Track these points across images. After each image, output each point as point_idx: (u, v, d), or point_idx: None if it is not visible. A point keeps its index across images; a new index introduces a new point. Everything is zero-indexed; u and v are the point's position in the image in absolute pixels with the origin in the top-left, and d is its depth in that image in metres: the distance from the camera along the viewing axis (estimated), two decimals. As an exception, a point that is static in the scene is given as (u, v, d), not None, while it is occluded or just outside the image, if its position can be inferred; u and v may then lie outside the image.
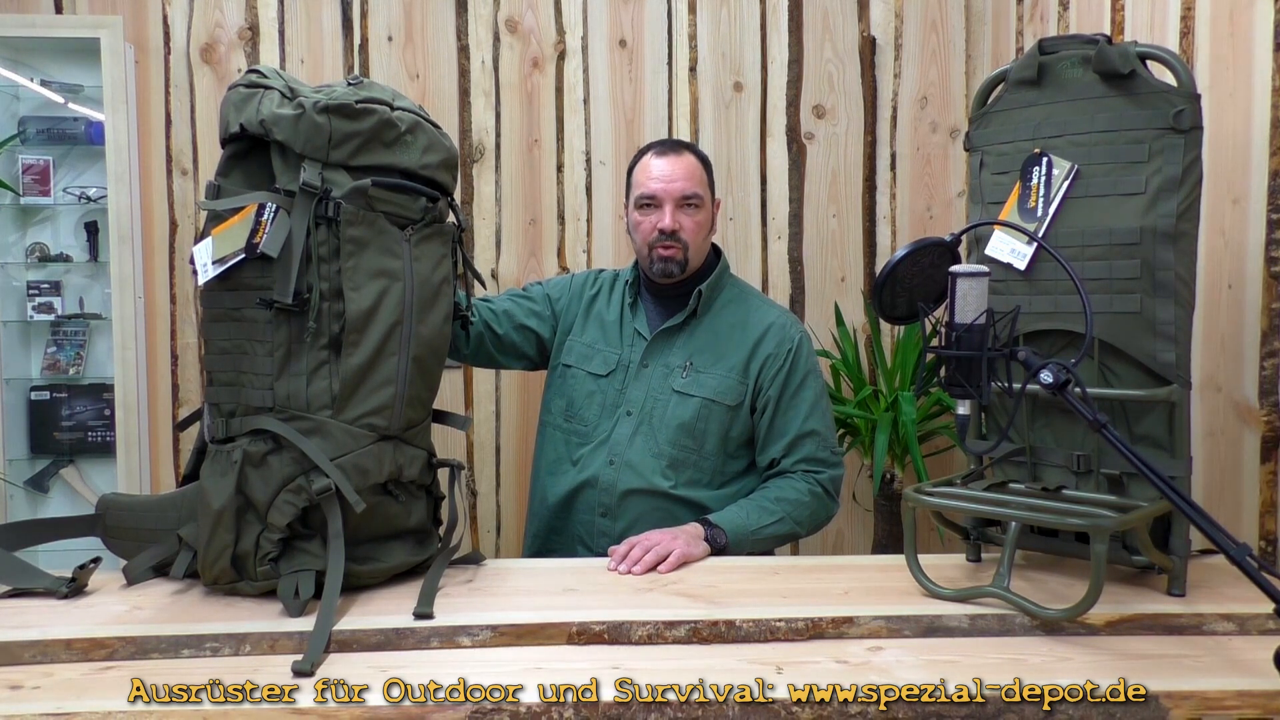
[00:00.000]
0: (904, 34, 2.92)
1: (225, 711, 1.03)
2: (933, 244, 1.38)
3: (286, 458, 1.32)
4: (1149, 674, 1.11)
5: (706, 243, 1.89)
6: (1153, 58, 1.38)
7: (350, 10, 2.88)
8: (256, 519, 1.33)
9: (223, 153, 1.39)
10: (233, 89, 1.38)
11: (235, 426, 1.35)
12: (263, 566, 1.33)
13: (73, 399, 2.97)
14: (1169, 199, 1.34)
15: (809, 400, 1.83)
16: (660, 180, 1.83)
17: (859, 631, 1.25)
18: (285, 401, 1.33)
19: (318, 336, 1.34)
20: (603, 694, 1.06)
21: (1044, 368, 1.21)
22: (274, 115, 1.32)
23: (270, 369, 1.33)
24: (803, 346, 1.87)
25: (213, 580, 1.36)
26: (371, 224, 1.36)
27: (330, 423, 1.34)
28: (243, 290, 1.34)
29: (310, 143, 1.32)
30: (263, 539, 1.33)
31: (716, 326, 1.86)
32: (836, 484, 1.83)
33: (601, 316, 1.92)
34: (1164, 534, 1.37)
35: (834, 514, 1.84)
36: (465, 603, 1.34)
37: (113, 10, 2.83)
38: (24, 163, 2.92)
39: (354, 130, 1.34)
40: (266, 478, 1.32)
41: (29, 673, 1.14)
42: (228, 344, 1.36)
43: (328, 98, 1.33)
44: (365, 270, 1.35)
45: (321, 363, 1.34)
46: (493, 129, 2.92)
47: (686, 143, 1.93)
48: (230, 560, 1.33)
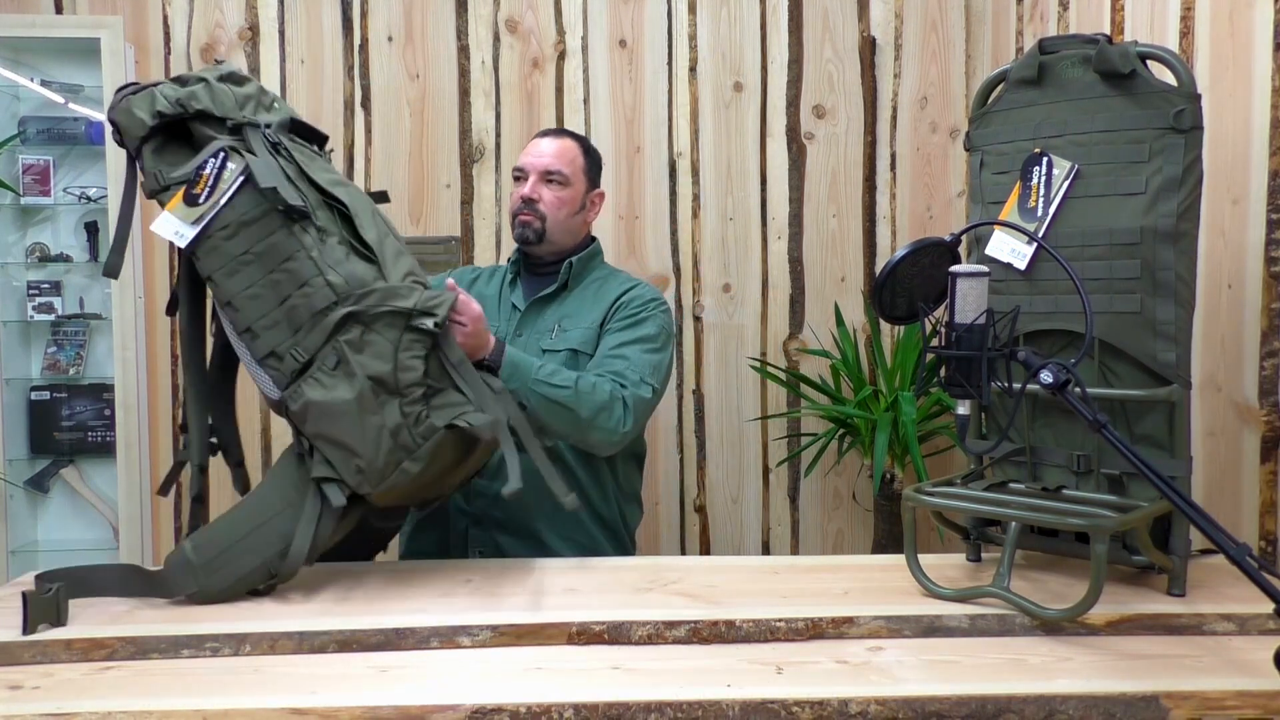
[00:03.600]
0: (904, 34, 2.92)
1: (225, 711, 1.03)
2: (933, 244, 1.38)
3: (380, 326, 1.39)
4: (1149, 674, 1.11)
5: (571, 221, 1.96)
6: (1153, 58, 1.38)
7: (350, 10, 2.88)
8: (388, 393, 1.37)
9: (141, 154, 1.45)
10: (118, 105, 1.45)
11: (310, 344, 1.39)
12: (420, 427, 1.37)
13: (73, 399, 2.97)
14: (1169, 199, 1.34)
15: (637, 336, 1.84)
16: (531, 155, 1.95)
17: (859, 631, 1.25)
18: (345, 287, 1.39)
19: (328, 234, 1.43)
20: (603, 694, 1.06)
21: (1044, 368, 1.21)
22: (187, 92, 1.44)
23: (315, 269, 1.40)
24: (655, 308, 1.90)
25: (381, 477, 1.37)
26: (303, 152, 1.49)
27: (393, 286, 1.41)
28: (246, 229, 1.40)
29: (224, 104, 1.45)
30: (405, 406, 1.37)
31: (585, 295, 1.94)
32: (639, 405, 1.76)
33: (481, 294, 1.97)
34: (1164, 534, 1.37)
35: (623, 430, 1.73)
36: (465, 603, 1.34)
37: (113, 10, 2.83)
38: (24, 163, 2.92)
39: (247, 94, 1.48)
40: (377, 353, 1.38)
41: (29, 673, 1.14)
42: (256, 288, 1.40)
43: (216, 72, 1.48)
44: (325, 181, 1.46)
45: (348, 251, 1.43)
46: (493, 129, 2.92)
47: (575, 133, 2.03)
48: (390, 439, 1.36)
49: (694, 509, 2.96)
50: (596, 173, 2.02)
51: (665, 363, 1.86)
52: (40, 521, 3.00)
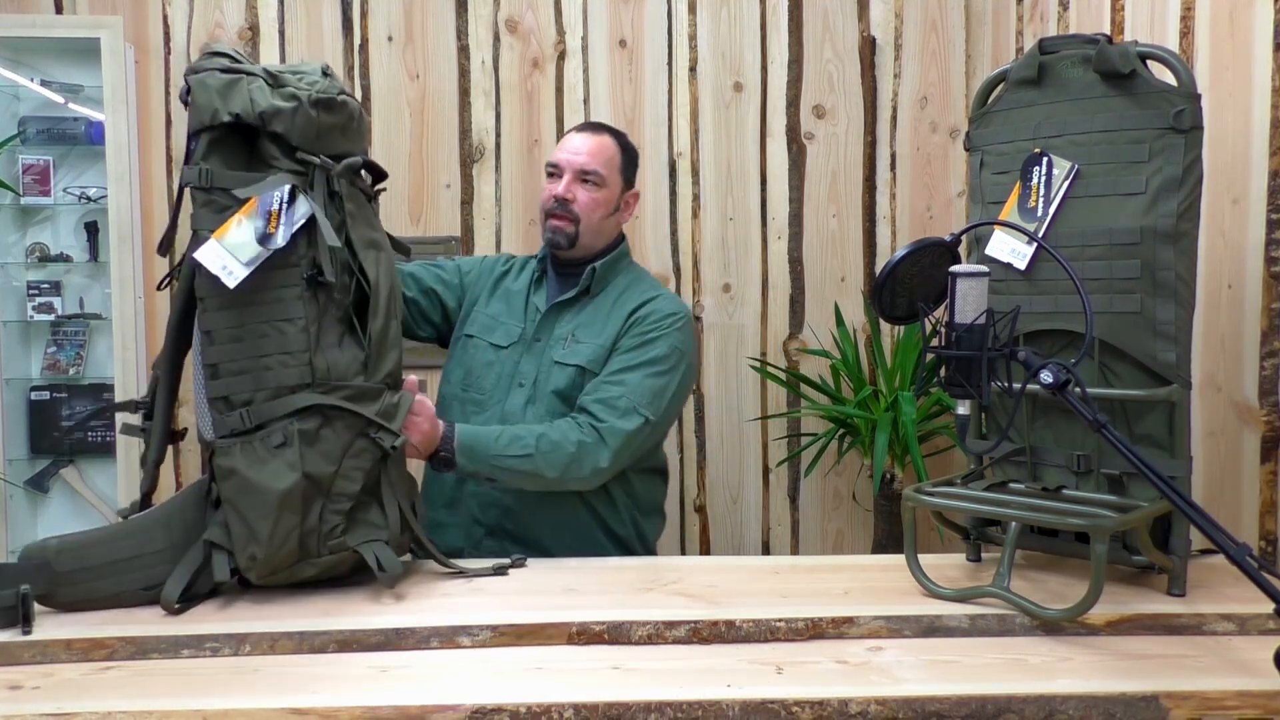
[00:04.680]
0: (904, 34, 2.92)
1: (225, 711, 1.03)
2: (933, 244, 1.38)
3: (339, 426, 1.36)
4: (1149, 674, 1.11)
5: (605, 224, 1.89)
6: (1153, 57, 1.38)
7: (350, 10, 2.88)
8: (318, 494, 1.34)
9: (200, 138, 1.35)
10: (204, 73, 1.35)
11: (264, 412, 1.33)
12: (332, 541, 1.35)
13: (73, 399, 2.97)
14: (1169, 199, 1.34)
15: (642, 359, 1.77)
16: (567, 152, 1.88)
17: (859, 631, 1.25)
18: (325, 374, 1.36)
19: (339, 307, 1.39)
20: (603, 694, 1.06)
21: (1044, 368, 1.21)
22: (273, 107, 1.34)
23: (305, 345, 1.35)
24: (671, 325, 1.81)
25: (272, 570, 1.33)
26: (355, 198, 1.43)
27: (367, 385, 1.39)
28: (260, 272, 1.32)
29: (304, 135, 1.37)
30: (327, 513, 1.34)
31: (604, 304, 1.87)
32: (619, 440, 1.69)
33: (508, 290, 1.94)
34: (1164, 534, 1.37)
35: (601, 468, 1.68)
36: (465, 603, 1.34)
37: (113, 10, 2.83)
38: (24, 163, 2.92)
39: (334, 122, 1.40)
40: (326, 452, 1.35)
41: (29, 673, 1.14)
42: (241, 330, 1.34)
43: (314, 90, 1.38)
44: (362, 241, 1.42)
45: (344, 333, 1.40)
46: (493, 129, 2.92)
47: (613, 128, 1.95)
48: (297, 542, 1.33)
49: (694, 509, 2.96)
50: (633, 171, 1.95)
51: (672, 387, 1.78)
52: (40, 521, 3.00)
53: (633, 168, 1.95)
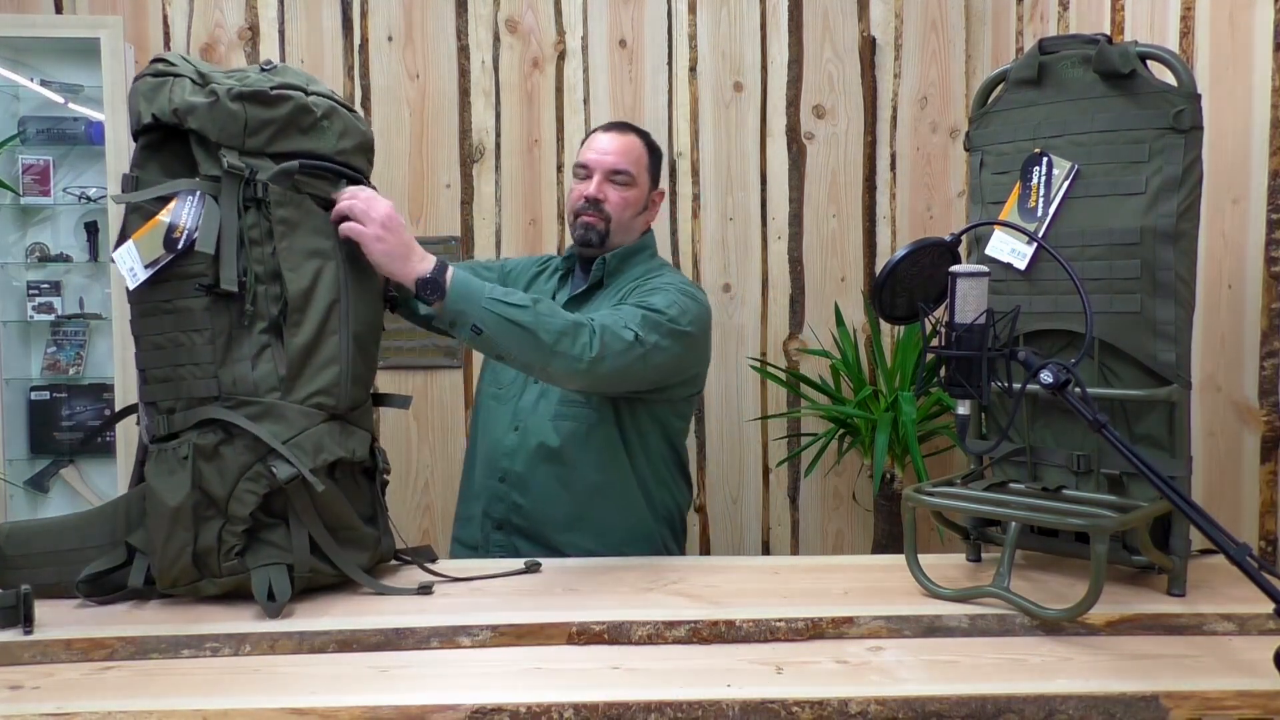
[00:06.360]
0: (904, 34, 2.92)
1: (225, 711, 1.03)
2: (933, 244, 1.38)
3: (240, 445, 1.30)
4: (1149, 674, 1.11)
5: (634, 222, 1.90)
6: (1153, 57, 1.37)
7: (350, 10, 2.88)
8: (216, 513, 1.31)
9: (136, 145, 1.36)
10: (139, 79, 1.35)
11: (179, 421, 1.32)
12: (229, 562, 1.30)
13: (73, 399, 2.97)
14: (1169, 199, 1.34)
15: (639, 301, 1.71)
16: (596, 152, 1.88)
17: (859, 631, 1.25)
18: (232, 388, 1.32)
19: (257, 319, 1.33)
20: (603, 694, 1.06)
21: (1044, 368, 1.21)
22: (187, 103, 1.30)
23: (212, 357, 1.32)
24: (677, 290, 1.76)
25: (171, 583, 1.32)
26: (299, 205, 1.37)
27: (281, 404, 1.32)
28: (174, 281, 1.31)
29: (225, 130, 1.31)
30: (225, 533, 1.30)
31: (613, 293, 1.86)
32: (611, 339, 1.58)
33: (539, 289, 1.95)
34: (1164, 534, 1.37)
35: (589, 357, 1.54)
36: (465, 602, 1.34)
37: (113, 10, 2.84)
38: (24, 163, 2.92)
39: (270, 117, 1.34)
40: (222, 469, 1.30)
41: (29, 673, 1.14)
42: (161, 338, 1.33)
43: (241, 84, 1.33)
44: (299, 251, 1.36)
45: (264, 346, 1.34)
46: (493, 129, 2.92)
47: (637, 127, 1.95)
48: (191, 559, 1.30)
49: (694, 509, 2.96)
50: (658, 170, 1.95)
51: (663, 324, 1.66)
52: (40, 521, 3.00)
53: (658, 166, 1.96)
